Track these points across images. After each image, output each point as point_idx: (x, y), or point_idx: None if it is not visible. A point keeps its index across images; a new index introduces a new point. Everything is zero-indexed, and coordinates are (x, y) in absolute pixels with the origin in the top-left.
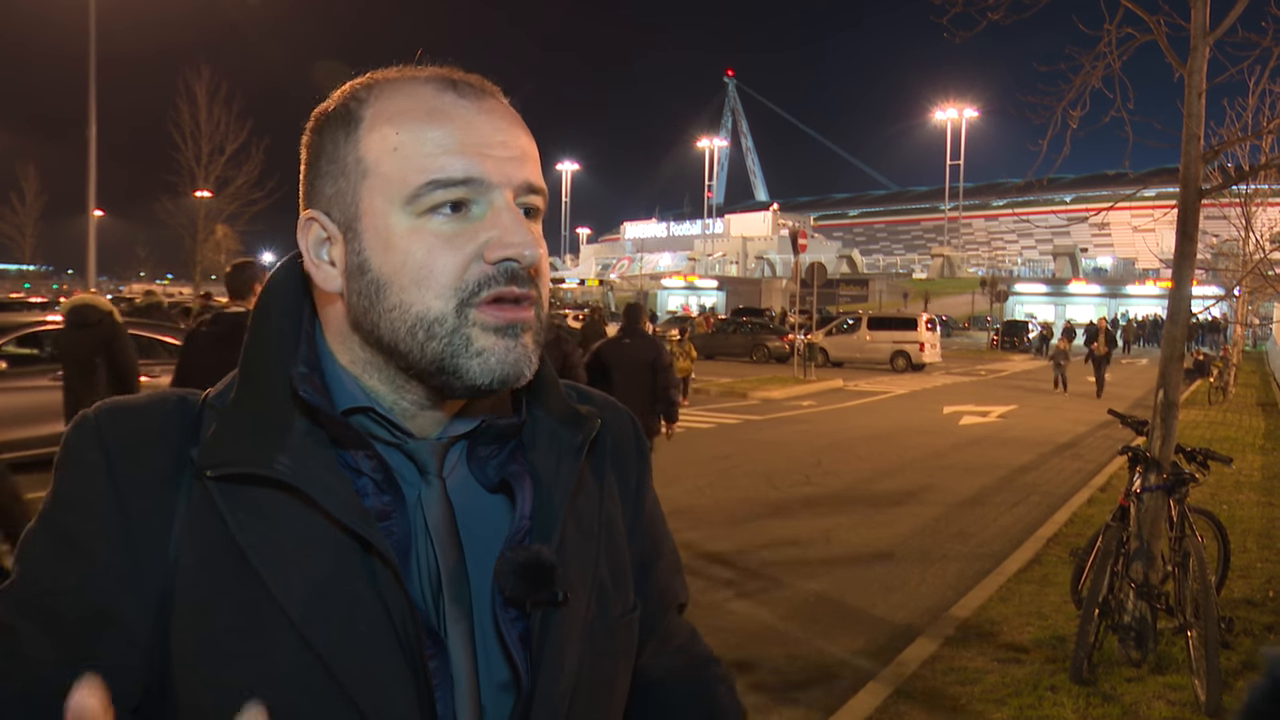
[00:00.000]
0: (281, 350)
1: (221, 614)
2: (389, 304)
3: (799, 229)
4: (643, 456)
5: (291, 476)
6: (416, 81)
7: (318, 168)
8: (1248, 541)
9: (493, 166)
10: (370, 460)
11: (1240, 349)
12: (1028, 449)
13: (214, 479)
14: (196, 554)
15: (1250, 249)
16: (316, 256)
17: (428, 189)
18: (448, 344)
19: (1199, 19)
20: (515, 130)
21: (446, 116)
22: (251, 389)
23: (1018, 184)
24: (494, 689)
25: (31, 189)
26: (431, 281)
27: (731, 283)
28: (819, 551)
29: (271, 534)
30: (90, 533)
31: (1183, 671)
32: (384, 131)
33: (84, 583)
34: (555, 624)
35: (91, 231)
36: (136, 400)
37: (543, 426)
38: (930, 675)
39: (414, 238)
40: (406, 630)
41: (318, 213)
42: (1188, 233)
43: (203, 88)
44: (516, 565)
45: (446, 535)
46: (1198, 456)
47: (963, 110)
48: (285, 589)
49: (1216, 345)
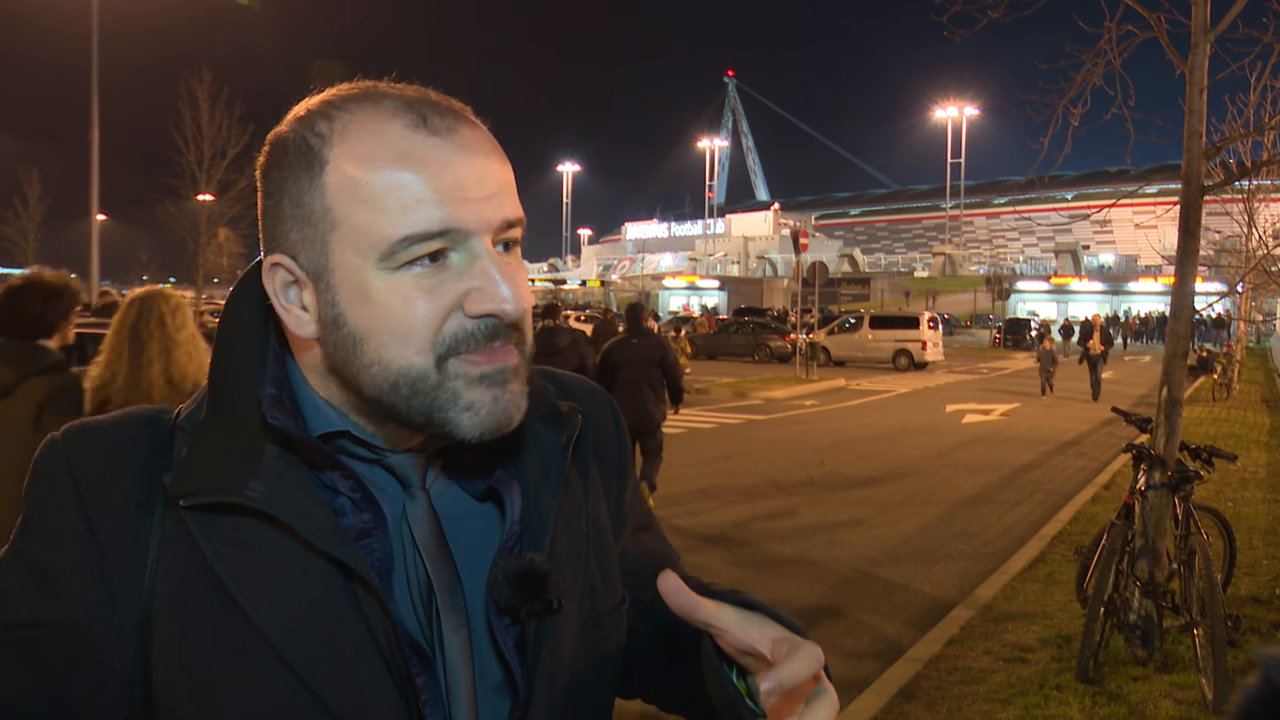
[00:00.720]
0: (248, 370)
1: (203, 643)
2: (368, 359)
3: (800, 228)
4: (621, 437)
5: (264, 503)
6: (382, 115)
7: (280, 208)
8: (1253, 539)
9: (470, 213)
10: (347, 480)
11: (1244, 345)
12: (1031, 447)
13: (187, 508)
14: (173, 584)
15: (1253, 245)
16: (285, 300)
17: (403, 245)
18: (434, 399)
19: (1199, 16)
20: (490, 162)
21: (418, 160)
22: (220, 410)
23: (1019, 182)
24: (489, 695)
25: (34, 193)
26: (411, 337)
27: (733, 283)
28: (822, 551)
29: (249, 561)
30: (64, 566)
31: (1189, 670)
32: (352, 179)
33: (59, 616)
34: (550, 628)
35: (94, 235)
36: (105, 422)
37: (526, 428)
38: (934, 675)
39: (391, 292)
40: (392, 649)
41: (283, 257)
42: (1190, 229)
43: (204, 92)
44: (510, 575)
45: (436, 547)
46: (1202, 453)
47: (963, 109)
48: (266, 617)
49: (1220, 342)
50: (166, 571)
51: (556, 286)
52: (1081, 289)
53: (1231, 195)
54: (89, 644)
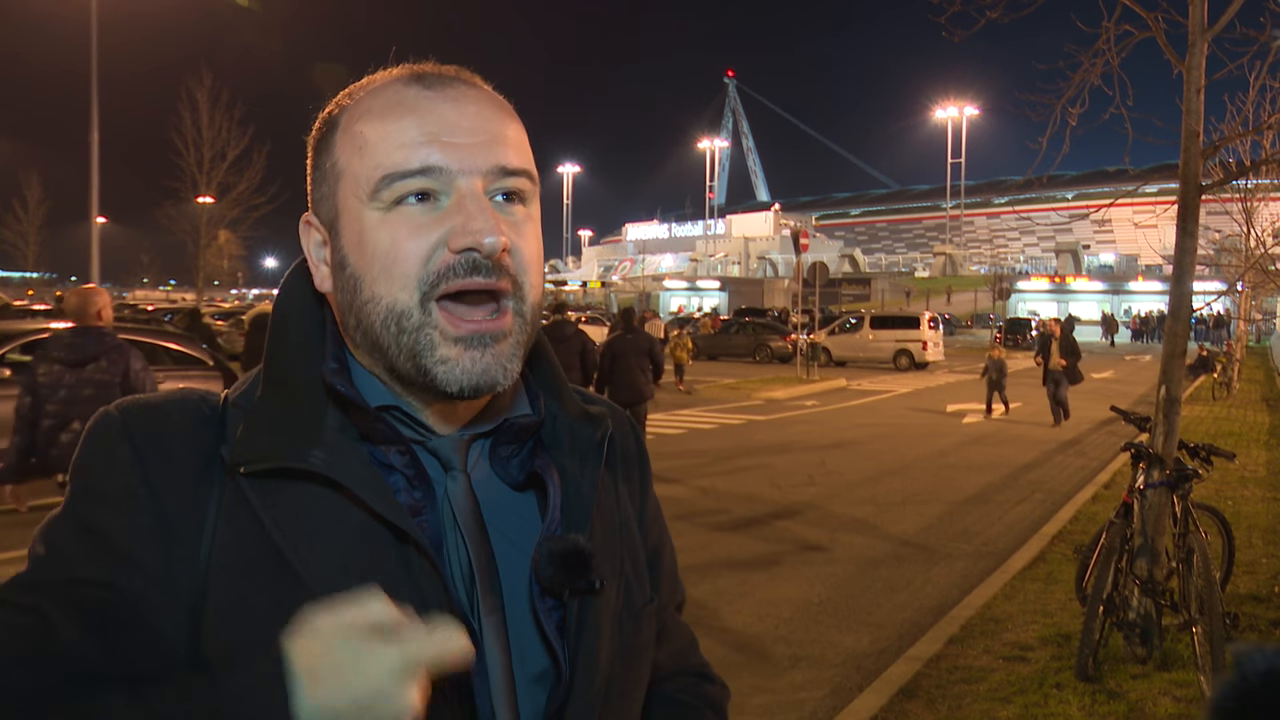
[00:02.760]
0: (308, 347)
1: (259, 609)
2: (364, 297)
3: (801, 229)
4: (643, 457)
5: (328, 469)
6: (386, 79)
7: (313, 173)
8: (1253, 537)
9: (454, 154)
10: (403, 456)
11: (1244, 344)
12: (1031, 447)
13: (247, 475)
14: (230, 553)
15: (1252, 244)
16: (316, 259)
17: (385, 183)
18: (415, 339)
19: (1197, 15)
20: (488, 115)
21: (408, 109)
22: (280, 386)
23: (1019, 181)
24: (528, 680)
25: (34, 196)
26: (398, 271)
27: (734, 283)
28: (823, 551)
29: (307, 529)
30: (123, 528)
31: (1188, 668)
32: (353, 132)
33: (114, 577)
34: (591, 613)
35: (94, 238)
36: (159, 398)
37: (562, 424)
38: (935, 674)
39: (381, 229)
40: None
41: (311, 216)
42: (1188, 229)
43: (204, 94)
44: (554, 554)
45: (475, 529)
46: (1201, 452)
47: (963, 109)
48: (322, 583)
49: (1220, 341)
50: (224, 540)
51: (557, 288)
52: (1082, 288)
53: (1230, 194)
54: (143, 610)
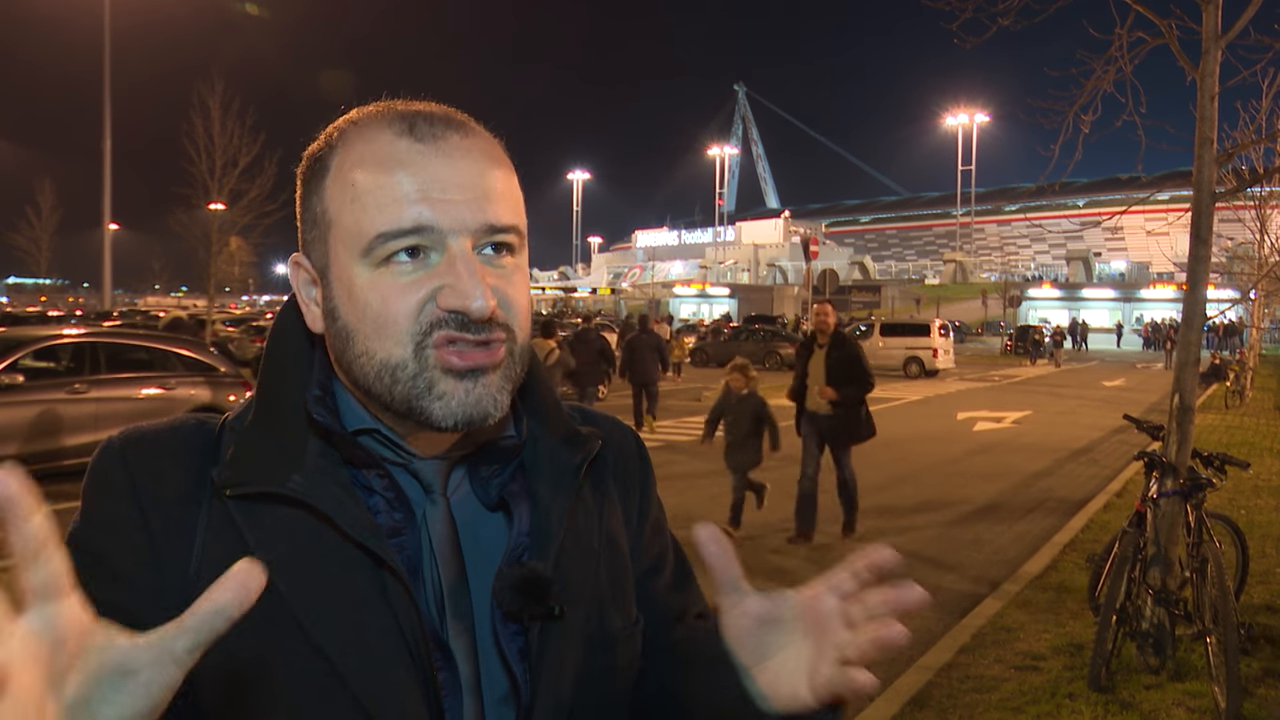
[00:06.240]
0: (295, 374)
1: (243, 624)
2: (356, 351)
3: (811, 236)
4: (646, 471)
5: (305, 494)
6: (377, 125)
7: (302, 212)
8: (1266, 547)
9: (445, 213)
10: (382, 479)
11: (1257, 352)
12: (1043, 455)
13: (232, 497)
14: (218, 568)
15: (1265, 252)
16: (306, 297)
17: (379, 241)
18: (411, 387)
19: (1210, 23)
20: (479, 169)
21: (400, 163)
22: (267, 411)
23: (1030, 189)
24: (495, 702)
25: (47, 203)
26: (390, 329)
27: (744, 290)
28: (832, 560)
29: (288, 549)
30: (117, 550)
31: (1202, 678)
32: (344, 181)
33: (109, 595)
34: (553, 638)
35: (107, 245)
36: (157, 425)
37: (543, 447)
38: (946, 683)
39: (371, 288)
40: (417, 643)
41: (301, 256)
42: (1201, 236)
43: (216, 101)
44: (513, 580)
45: (449, 552)
46: (1215, 461)
47: (974, 116)
48: (301, 601)
49: (1234, 349)
50: (211, 558)
51: (567, 294)
52: (1094, 295)
53: (1244, 202)
54: (136, 623)
